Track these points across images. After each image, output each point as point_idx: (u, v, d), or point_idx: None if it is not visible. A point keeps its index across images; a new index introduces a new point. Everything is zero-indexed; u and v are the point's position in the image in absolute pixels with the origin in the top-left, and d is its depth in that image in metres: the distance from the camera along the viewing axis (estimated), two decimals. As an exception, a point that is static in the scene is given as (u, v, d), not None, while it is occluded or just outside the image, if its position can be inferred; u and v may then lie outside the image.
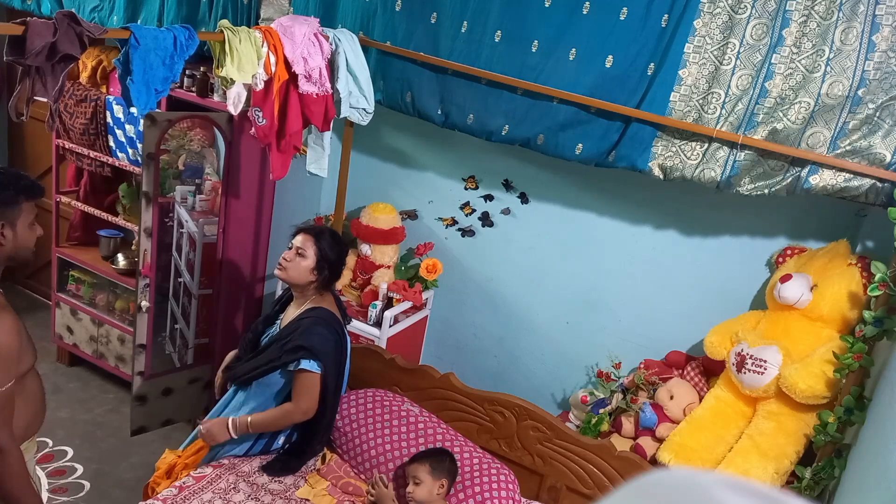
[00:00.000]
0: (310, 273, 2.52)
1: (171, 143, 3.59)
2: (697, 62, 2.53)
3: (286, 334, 2.53)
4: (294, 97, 2.64)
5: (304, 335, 2.47)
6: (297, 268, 2.51)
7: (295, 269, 2.51)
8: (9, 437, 1.79)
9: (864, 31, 2.31)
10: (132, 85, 2.09)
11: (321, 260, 2.52)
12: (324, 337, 2.50)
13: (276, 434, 2.66)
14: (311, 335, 2.47)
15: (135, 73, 2.09)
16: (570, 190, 3.12)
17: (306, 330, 2.48)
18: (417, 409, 2.82)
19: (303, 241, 2.53)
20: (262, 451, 2.67)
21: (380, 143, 3.51)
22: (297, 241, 2.54)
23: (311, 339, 2.47)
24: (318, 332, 2.49)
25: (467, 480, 2.55)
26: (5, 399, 1.77)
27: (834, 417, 2.28)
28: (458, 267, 3.46)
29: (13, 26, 1.84)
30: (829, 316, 2.48)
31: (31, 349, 1.90)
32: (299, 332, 2.49)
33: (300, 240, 2.54)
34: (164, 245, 3.56)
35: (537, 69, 2.79)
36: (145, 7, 3.49)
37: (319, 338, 2.48)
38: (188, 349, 3.65)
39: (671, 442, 2.58)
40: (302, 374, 2.49)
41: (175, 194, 3.70)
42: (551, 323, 3.28)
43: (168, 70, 2.17)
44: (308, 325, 2.50)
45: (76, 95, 3.68)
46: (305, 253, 2.51)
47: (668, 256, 2.97)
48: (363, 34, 3.03)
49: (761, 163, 2.51)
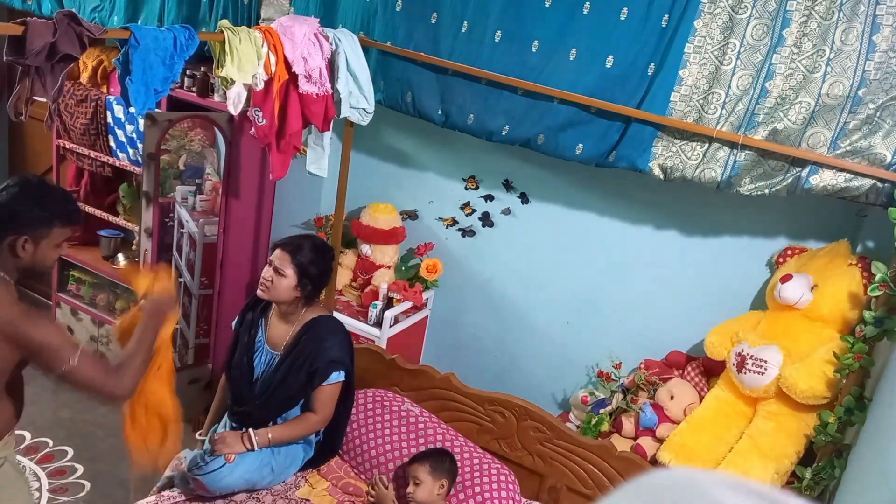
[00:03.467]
0: (293, 290, 2.45)
1: (171, 143, 3.59)
2: (698, 62, 2.53)
3: (301, 361, 2.47)
4: (294, 97, 2.64)
5: (324, 351, 2.46)
6: (279, 287, 2.43)
7: (276, 288, 2.43)
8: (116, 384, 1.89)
9: (864, 31, 2.31)
10: (131, 85, 2.09)
11: (301, 277, 2.44)
12: (340, 343, 2.52)
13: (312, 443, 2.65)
14: (330, 349, 2.47)
15: (134, 73, 2.09)
16: (571, 190, 3.12)
17: (323, 346, 2.47)
18: (418, 409, 2.82)
19: (280, 258, 2.43)
20: None
21: (380, 144, 3.51)
22: (275, 259, 2.44)
23: (335, 352, 2.47)
24: (336, 341, 2.50)
25: (467, 481, 2.55)
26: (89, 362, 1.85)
27: (834, 417, 2.28)
28: (458, 267, 3.46)
29: (13, 26, 1.84)
30: (829, 316, 2.48)
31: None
32: (315, 350, 2.46)
33: (277, 257, 2.44)
34: (164, 245, 3.57)
35: (537, 69, 2.79)
36: (145, 7, 3.49)
37: (339, 347, 2.50)
38: (188, 349, 3.65)
39: (671, 442, 2.58)
40: (328, 386, 2.49)
41: (175, 194, 3.70)
42: (552, 323, 3.28)
43: (168, 70, 2.17)
44: (322, 339, 2.48)
45: (77, 95, 3.68)
46: (284, 272, 2.42)
47: (668, 256, 2.97)
48: (363, 34, 3.03)
49: (762, 163, 2.51)
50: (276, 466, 2.53)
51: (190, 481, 2.44)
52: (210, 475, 2.39)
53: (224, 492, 2.46)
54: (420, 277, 3.38)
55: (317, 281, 2.49)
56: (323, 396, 2.50)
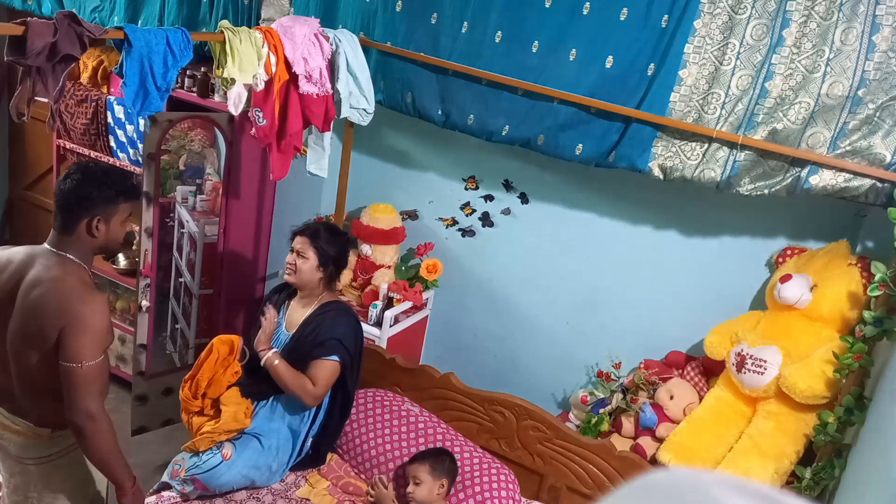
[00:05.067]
0: (316, 271, 2.59)
1: (171, 143, 3.59)
2: (697, 62, 2.53)
3: (311, 331, 2.57)
4: (294, 97, 2.64)
5: (331, 328, 2.55)
6: (304, 269, 2.58)
7: (301, 271, 2.58)
8: (100, 407, 1.92)
9: (864, 31, 2.31)
10: (125, 88, 2.11)
11: (322, 257, 2.58)
12: (347, 327, 2.59)
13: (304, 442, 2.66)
14: (337, 326, 2.57)
15: (129, 76, 2.10)
16: (571, 190, 3.12)
17: (332, 322, 2.57)
18: (418, 409, 2.82)
19: (301, 243, 2.60)
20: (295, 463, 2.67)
21: (380, 144, 3.52)
22: (297, 245, 2.61)
23: (339, 331, 2.56)
24: (342, 321, 2.59)
25: (467, 480, 2.55)
26: (97, 371, 1.90)
27: (834, 417, 2.29)
28: (458, 267, 3.46)
29: (13, 26, 1.84)
30: (829, 316, 2.48)
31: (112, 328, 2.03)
32: (326, 325, 2.56)
33: (298, 243, 2.61)
34: (164, 245, 3.57)
35: (537, 69, 2.79)
36: (146, 7, 3.49)
37: (344, 328, 2.58)
38: (189, 349, 3.65)
39: (671, 442, 2.58)
40: (323, 361, 2.53)
41: (176, 194, 3.71)
42: (551, 323, 3.28)
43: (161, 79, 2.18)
44: (332, 318, 2.58)
45: (77, 96, 3.68)
46: (306, 254, 2.58)
47: (668, 256, 2.98)
48: (363, 35, 3.03)
49: (761, 163, 2.51)
50: (275, 465, 2.55)
51: (190, 483, 2.46)
52: (208, 473, 2.44)
53: (223, 489, 2.47)
54: (420, 277, 3.38)
55: (337, 260, 2.63)
56: (319, 371, 2.52)
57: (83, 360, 1.87)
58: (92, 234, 1.96)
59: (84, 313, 1.88)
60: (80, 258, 1.98)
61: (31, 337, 1.91)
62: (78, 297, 1.89)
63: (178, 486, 2.49)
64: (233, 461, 2.46)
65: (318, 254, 2.58)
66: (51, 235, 1.99)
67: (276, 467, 2.57)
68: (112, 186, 1.97)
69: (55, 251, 1.96)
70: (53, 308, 1.88)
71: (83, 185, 1.94)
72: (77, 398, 1.88)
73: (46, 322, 1.87)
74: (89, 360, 1.88)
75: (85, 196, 1.94)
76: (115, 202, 1.98)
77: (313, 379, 2.52)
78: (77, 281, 1.92)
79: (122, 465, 2.02)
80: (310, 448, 2.68)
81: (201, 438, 2.48)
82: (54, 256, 1.95)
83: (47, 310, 1.88)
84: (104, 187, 1.96)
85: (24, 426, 2.02)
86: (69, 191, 1.94)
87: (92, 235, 1.97)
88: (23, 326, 1.92)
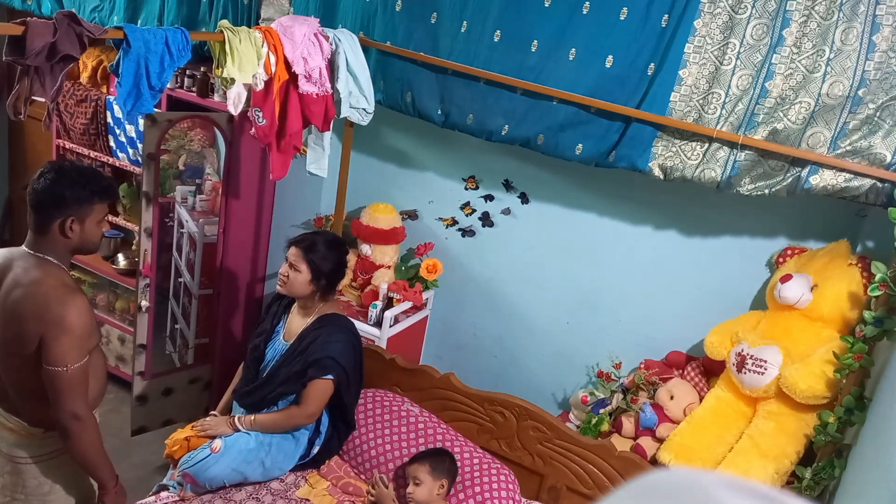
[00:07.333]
0: (308, 285, 2.54)
1: (171, 143, 3.59)
2: (697, 62, 2.53)
3: (305, 346, 2.53)
4: (294, 97, 2.64)
5: (326, 346, 2.50)
6: (295, 282, 2.54)
7: (293, 283, 2.54)
8: (85, 408, 1.93)
9: (864, 31, 2.31)
10: (119, 87, 2.10)
11: (315, 272, 2.53)
12: (343, 343, 2.54)
13: (313, 443, 2.66)
14: (333, 344, 2.51)
15: (124, 76, 2.09)
16: (571, 190, 3.12)
17: (325, 340, 2.51)
18: (417, 409, 2.82)
19: (294, 256, 2.54)
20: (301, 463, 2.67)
21: (380, 143, 3.51)
22: (291, 256, 2.55)
23: (334, 348, 2.50)
24: (339, 339, 2.54)
25: (467, 480, 2.55)
26: (81, 373, 1.90)
27: (834, 417, 2.28)
28: (458, 267, 3.46)
29: (13, 26, 1.84)
30: (829, 316, 2.48)
31: (97, 326, 2.03)
32: (320, 342, 2.51)
33: (292, 254, 2.55)
34: (164, 245, 3.56)
35: (537, 69, 2.79)
36: (145, 7, 3.49)
37: (340, 345, 2.53)
38: (188, 349, 3.65)
39: (671, 442, 2.58)
40: (317, 381, 2.50)
41: (175, 194, 3.70)
42: (551, 323, 3.28)
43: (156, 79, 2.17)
44: (327, 335, 2.53)
45: (76, 95, 3.68)
46: (299, 267, 2.53)
47: (668, 256, 2.97)
48: (363, 34, 3.03)
49: (761, 163, 2.51)
50: (268, 461, 2.55)
51: (183, 480, 2.47)
52: (196, 466, 2.46)
53: (213, 483, 2.47)
54: (420, 277, 3.38)
55: (330, 275, 2.57)
56: (312, 390, 2.51)
57: (68, 364, 1.85)
58: (65, 234, 1.93)
59: (64, 316, 1.85)
60: (58, 259, 1.94)
61: (11, 341, 1.89)
62: (57, 300, 1.86)
63: (175, 488, 2.50)
64: (221, 454, 2.46)
65: (311, 268, 2.52)
66: (28, 237, 1.96)
67: (270, 463, 2.55)
68: (86, 186, 1.93)
69: (33, 253, 1.93)
70: (32, 312, 1.85)
71: (56, 185, 1.90)
72: (62, 400, 1.88)
73: (26, 326, 1.85)
74: (73, 363, 1.86)
75: (58, 195, 1.90)
76: (89, 202, 1.94)
77: (305, 397, 2.51)
78: (56, 283, 1.89)
79: (105, 465, 2.02)
80: (316, 454, 2.68)
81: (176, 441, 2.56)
82: (32, 258, 1.92)
83: (26, 314, 1.85)
84: (78, 187, 1.91)
85: (18, 425, 2.02)
86: (42, 190, 1.90)
87: (65, 236, 1.93)
88: (3, 331, 1.90)
